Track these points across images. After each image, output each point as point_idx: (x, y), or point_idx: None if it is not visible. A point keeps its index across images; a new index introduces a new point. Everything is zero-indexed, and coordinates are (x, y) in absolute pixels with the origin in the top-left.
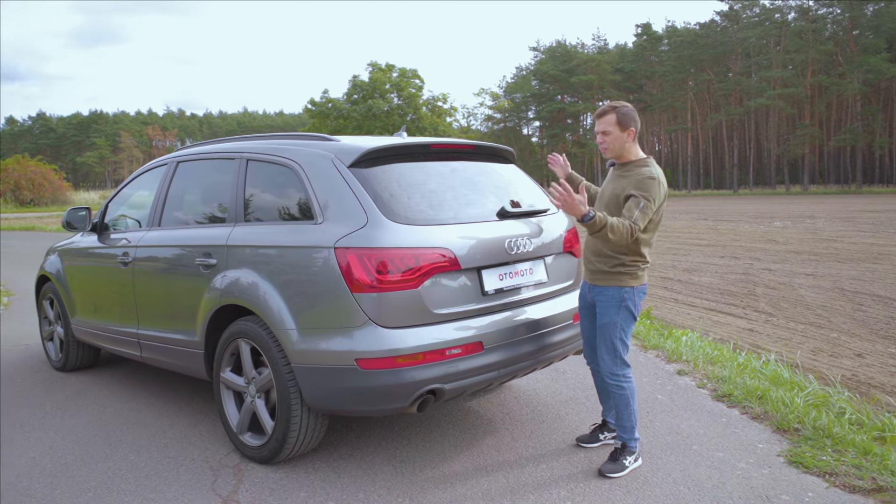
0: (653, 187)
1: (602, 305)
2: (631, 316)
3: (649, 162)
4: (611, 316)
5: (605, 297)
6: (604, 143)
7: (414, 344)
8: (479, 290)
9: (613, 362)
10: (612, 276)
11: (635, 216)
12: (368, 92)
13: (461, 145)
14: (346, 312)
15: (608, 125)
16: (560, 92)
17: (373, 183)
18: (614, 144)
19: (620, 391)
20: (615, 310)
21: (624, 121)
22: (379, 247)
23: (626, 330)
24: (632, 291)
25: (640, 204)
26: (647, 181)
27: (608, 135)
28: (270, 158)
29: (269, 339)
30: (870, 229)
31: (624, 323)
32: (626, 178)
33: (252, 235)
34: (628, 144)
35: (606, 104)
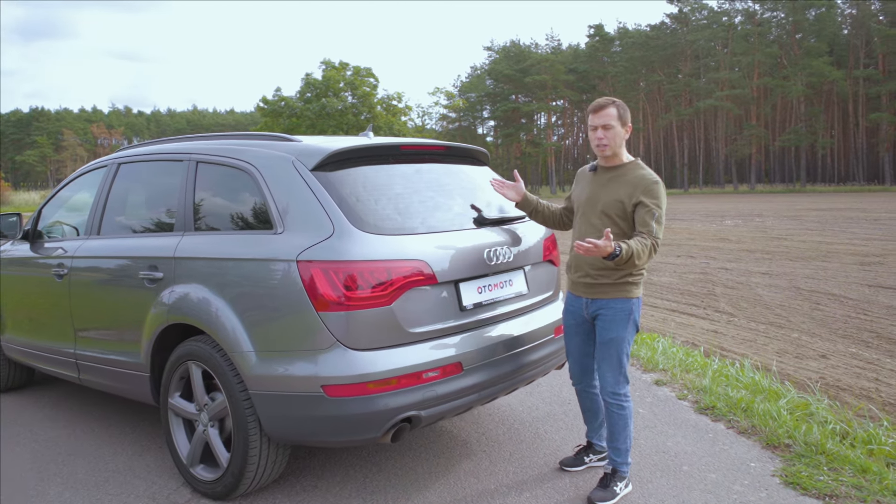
0: (661, 193)
1: (608, 320)
2: (636, 327)
3: (643, 164)
4: (618, 330)
5: (613, 310)
6: (603, 140)
7: (387, 367)
8: (457, 305)
9: (616, 380)
10: (618, 288)
11: (654, 230)
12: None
13: (433, 146)
14: (310, 333)
15: (610, 119)
16: (514, 91)
17: (338, 188)
18: (615, 141)
19: (621, 411)
20: (623, 323)
21: (623, 115)
22: (347, 259)
23: (630, 342)
24: (638, 303)
25: (655, 214)
26: (654, 187)
27: (610, 129)
28: (223, 160)
29: (223, 362)
30: (817, 227)
31: (630, 336)
32: (625, 182)
33: (203, 246)
34: (623, 143)
35: (603, 98)
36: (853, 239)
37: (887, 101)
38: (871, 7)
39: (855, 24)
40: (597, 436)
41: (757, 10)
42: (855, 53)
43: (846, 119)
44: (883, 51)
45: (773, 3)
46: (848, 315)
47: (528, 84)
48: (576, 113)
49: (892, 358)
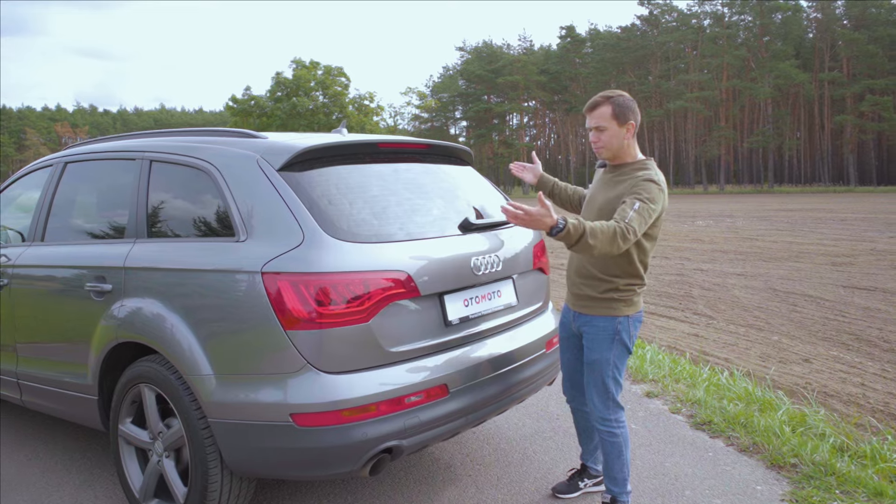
0: (652, 189)
1: (591, 339)
2: (625, 350)
3: (649, 164)
4: (601, 352)
5: (595, 329)
6: (598, 142)
7: (365, 392)
8: (442, 320)
9: (605, 405)
10: (602, 304)
11: (629, 216)
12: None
13: (414, 144)
14: (277, 354)
15: (603, 119)
16: (487, 92)
17: (309, 190)
18: (611, 142)
19: (612, 439)
20: (607, 344)
21: (622, 113)
22: (318, 271)
23: (619, 367)
24: (626, 322)
25: (636, 205)
26: (645, 183)
27: (603, 131)
28: (180, 159)
29: (180, 385)
30: (787, 228)
31: (618, 359)
32: (623, 184)
33: (157, 255)
34: (627, 142)
35: (599, 95)
36: (823, 239)
37: (851, 103)
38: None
39: (820, 27)
40: (592, 458)
41: (725, 13)
42: (820, 57)
43: (812, 121)
44: (847, 54)
45: (740, 7)
46: (826, 317)
47: (500, 85)
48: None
49: (874, 361)
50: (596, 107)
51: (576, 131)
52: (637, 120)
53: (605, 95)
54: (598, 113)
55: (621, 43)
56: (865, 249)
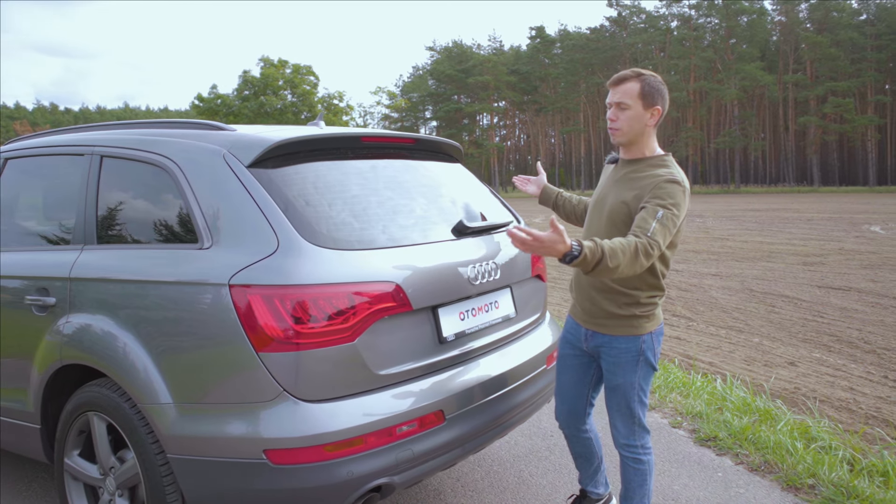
0: (676, 192)
1: (612, 363)
2: (651, 369)
3: (668, 161)
4: (625, 375)
5: (616, 350)
6: (615, 122)
7: (350, 423)
8: (436, 336)
9: (631, 430)
10: (623, 322)
11: (652, 228)
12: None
13: (400, 139)
14: (247, 380)
15: (627, 96)
16: (457, 92)
17: (284, 189)
18: (631, 126)
19: (638, 465)
20: (631, 366)
21: (650, 94)
22: (296, 283)
23: (645, 388)
24: (650, 339)
25: (659, 213)
26: (667, 185)
27: (625, 109)
28: (135, 154)
29: (134, 415)
30: (756, 228)
31: (643, 380)
32: (638, 182)
33: (107, 264)
34: (648, 130)
35: (630, 70)
36: (792, 239)
37: (815, 105)
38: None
39: (784, 30)
40: (592, 482)
41: (692, 15)
42: (784, 59)
43: (776, 122)
44: (810, 57)
45: (707, 9)
46: (804, 318)
47: (470, 85)
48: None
49: (857, 363)
50: (623, 81)
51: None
52: (665, 107)
53: (636, 71)
54: (623, 88)
55: (590, 44)
56: (834, 249)
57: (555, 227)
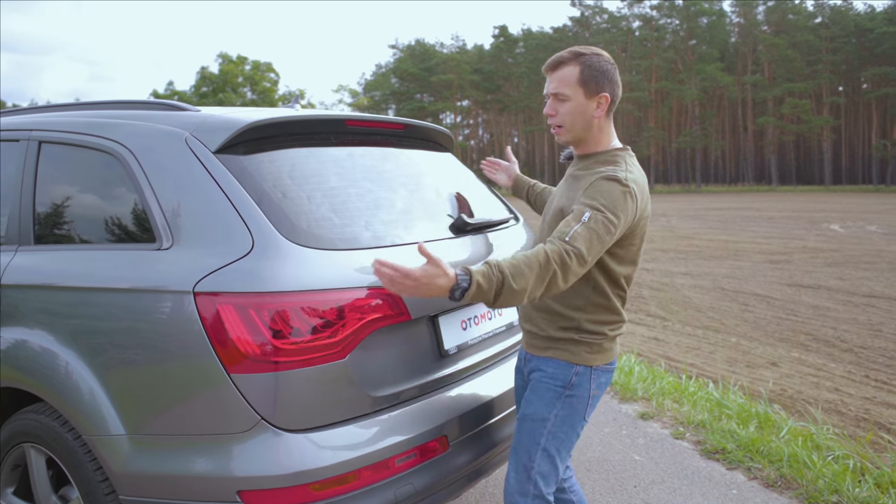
0: (613, 192)
1: (532, 387)
2: (576, 413)
3: (620, 156)
4: (538, 406)
5: (541, 374)
6: (554, 117)
7: (341, 456)
8: (436, 348)
9: (522, 486)
10: (557, 344)
11: (572, 232)
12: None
13: (389, 124)
14: (217, 407)
15: (565, 84)
16: (420, 90)
17: (258, 179)
18: (574, 121)
19: None
20: (550, 397)
21: (592, 79)
22: (275, 290)
23: (560, 437)
24: (587, 374)
25: (585, 215)
26: (602, 183)
27: (564, 101)
28: (80, 139)
29: (79, 447)
30: (719, 226)
31: (560, 424)
32: (578, 182)
33: (47, 268)
34: (597, 122)
35: (567, 50)
36: (755, 237)
37: (773, 106)
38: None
39: (742, 32)
40: None
41: (654, 16)
42: (743, 60)
43: (735, 122)
44: (768, 58)
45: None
46: (778, 317)
47: (433, 83)
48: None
49: (837, 363)
50: (559, 65)
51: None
52: (615, 92)
53: (575, 51)
54: (560, 74)
55: (553, 43)
56: (798, 247)
57: (428, 255)
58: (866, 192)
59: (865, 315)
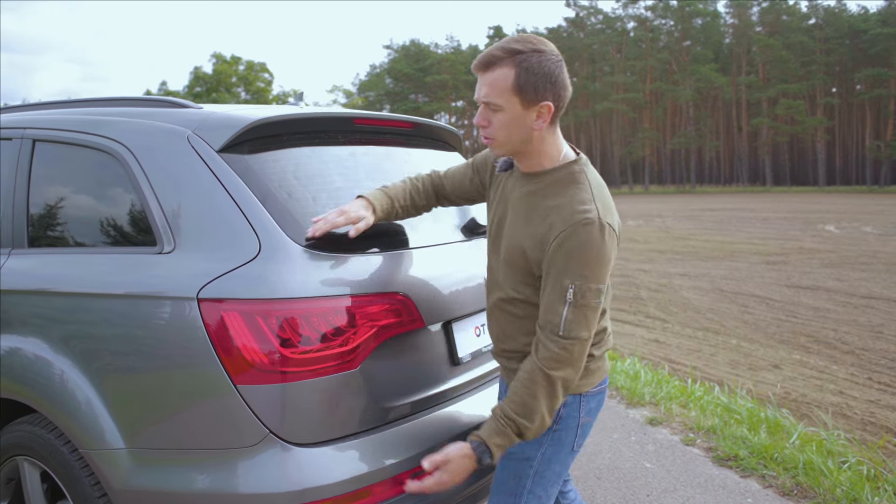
0: (591, 244)
1: None
2: (565, 447)
3: (580, 175)
4: (523, 446)
5: None
6: (487, 128)
7: (354, 471)
8: (450, 356)
9: None
10: None
11: (563, 322)
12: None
13: (397, 122)
14: (222, 420)
15: (497, 91)
16: (414, 91)
17: (263, 180)
18: (509, 135)
19: None
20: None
21: (531, 84)
22: (284, 296)
23: (547, 475)
24: (576, 403)
25: (569, 293)
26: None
27: (496, 111)
28: (75, 138)
29: (75, 461)
30: (714, 227)
31: (548, 461)
32: (537, 215)
33: (41, 272)
34: (539, 135)
35: (499, 45)
36: (751, 238)
37: (767, 106)
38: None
39: (737, 33)
40: None
41: (649, 17)
42: (737, 61)
43: (730, 123)
44: (762, 59)
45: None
46: (778, 318)
47: (428, 84)
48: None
49: (839, 365)
50: (490, 66)
51: None
52: (560, 97)
53: (509, 48)
54: (491, 78)
55: None
56: (794, 248)
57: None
58: (860, 193)
59: (865, 316)
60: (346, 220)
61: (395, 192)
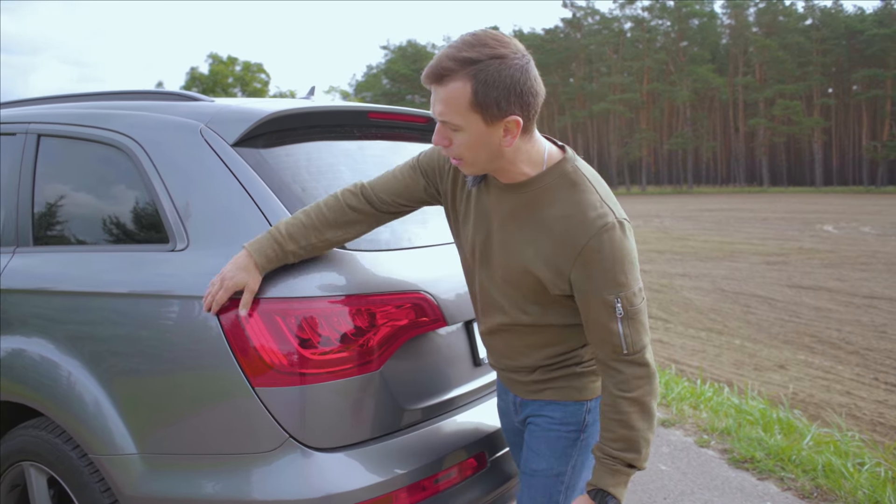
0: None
1: (537, 437)
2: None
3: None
4: (552, 460)
5: (547, 421)
6: (450, 148)
7: (377, 476)
8: (471, 356)
9: None
10: (557, 382)
11: (622, 340)
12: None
13: (411, 117)
14: (239, 423)
15: (453, 109)
16: (411, 91)
17: (279, 174)
18: (476, 154)
19: None
20: (564, 447)
21: (490, 101)
22: (302, 295)
23: (580, 486)
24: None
25: (618, 307)
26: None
27: (457, 130)
28: (82, 132)
29: (84, 466)
30: (713, 227)
31: (580, 473)
32: (542, 229)
33: (48, 271)
34: (509, 151)
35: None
36: (750, 238)
37: (764, 107)
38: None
39: (734, 33)
40: None
41: (645, 17)
42: (734, 62)
43: (727, 124)
44: (759, 60)
45: (659, 12)
46: (781, 318)
47: None
48: None
49: (845, 365)
50: (441, 78)
51: None
52: (528, 105)
53: (464, 57)
54: (445, 93)
55: (545, 45)
56: (794, 248)
57: None
58: (857, 193)
59: (868, 316)
60: (225, 292)
61: (285, 228)
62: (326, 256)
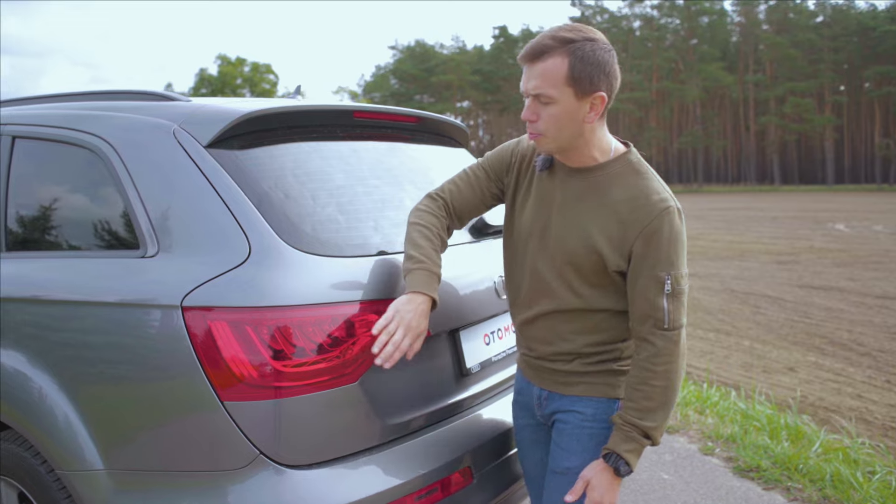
0: (676, 231)
1: (568, 435)
2: None
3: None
4: (586, 458)
5: (579, 418)
6: (535, 123)
7: (354, 495)
8: (457, 367)
9: None
10: (592, 378)
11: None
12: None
13: (400, 116)
14: (208, 439)
15: (550, 83)
16: (420, 91)
17: (256, 177)
18: (560, 128)
19: None
20: (596, 445)
21: (586, 74)
22: (276, 304)
23: None
24: None
25: (667, 285)
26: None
27: (547, 104)
28: (56, 134)
29: (52, 482)
30: (723, 226)
31: None
32: (605, 206)
33: (18, 278)
34: (589, 128)
35: (549, 34)
36: (761, 238)
37: (775, 105)
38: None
39: (744, 31)
40: None
41: (655, 15)
42: (745, 59)
43: (737, 122)
44: (769, 57)
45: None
46: (791, 319)
47: (433, 84)
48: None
49: (856, 367)
50: (541, 55)
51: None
52: (612, 88)
53: (563, 37)
54: (542, 69)
55: None
56: (805, 247)
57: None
58: (869, 192)
59: (881, 317)
60: (413, 337)
61: (435, 259)
62: (300, 261)
